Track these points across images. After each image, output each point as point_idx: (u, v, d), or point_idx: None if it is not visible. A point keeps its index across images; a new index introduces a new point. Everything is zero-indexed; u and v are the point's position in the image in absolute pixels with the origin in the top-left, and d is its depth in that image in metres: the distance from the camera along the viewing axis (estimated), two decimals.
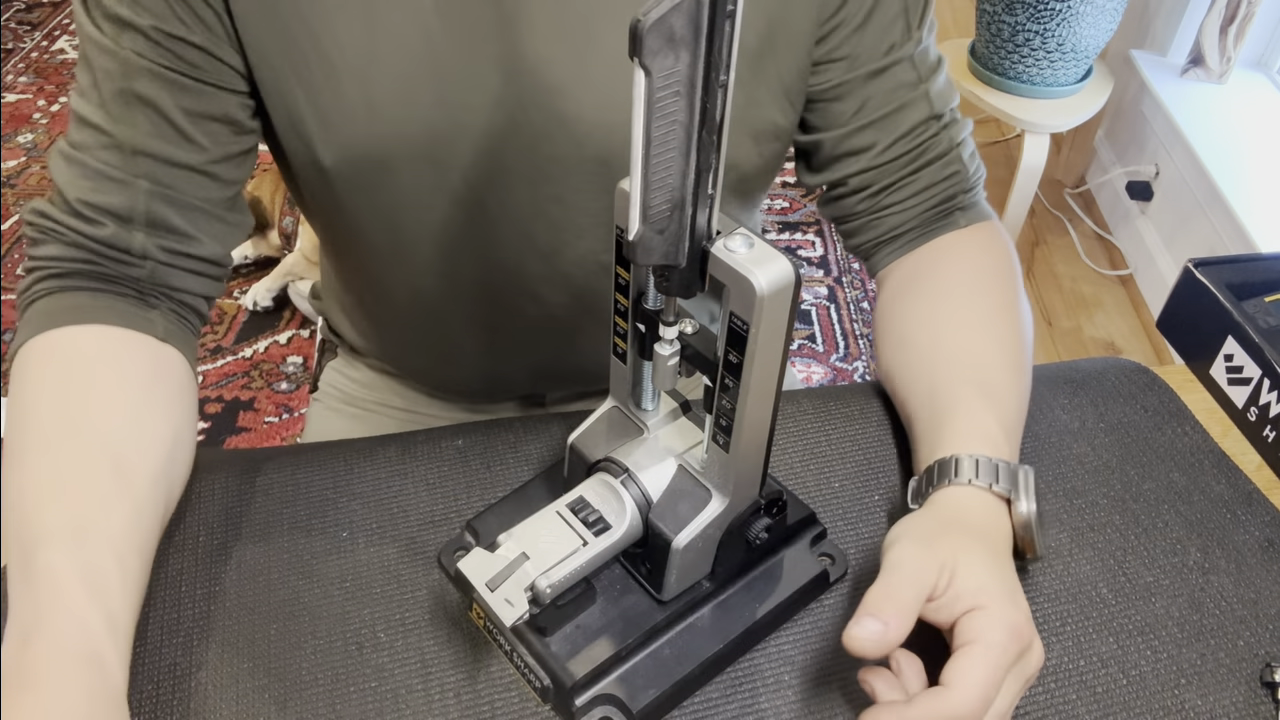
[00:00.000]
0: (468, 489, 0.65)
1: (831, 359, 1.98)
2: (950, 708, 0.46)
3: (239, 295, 2.05)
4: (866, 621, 0.47)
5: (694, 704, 0.54)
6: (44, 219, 0.61)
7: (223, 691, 0.54)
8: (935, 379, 0.63)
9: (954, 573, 0.51)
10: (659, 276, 0.45)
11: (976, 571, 0.51)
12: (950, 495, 0.56)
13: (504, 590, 0.49)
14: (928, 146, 0.70)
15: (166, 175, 0.61)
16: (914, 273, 0.71)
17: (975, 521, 0.55)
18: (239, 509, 0.63)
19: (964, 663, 0.47)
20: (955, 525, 0.54)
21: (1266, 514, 0.65)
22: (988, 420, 0.59)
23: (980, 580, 0.50)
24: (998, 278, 0.69)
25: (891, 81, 0.68)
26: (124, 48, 0.58)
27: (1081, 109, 2.04)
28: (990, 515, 0.56)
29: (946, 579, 0.51)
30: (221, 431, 1.80)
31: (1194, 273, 0.77)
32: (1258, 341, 0.71)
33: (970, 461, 0.56)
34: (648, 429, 0.56)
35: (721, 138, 0.40)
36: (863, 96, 0.68)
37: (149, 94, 0.59)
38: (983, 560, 0.52)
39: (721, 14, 0.37)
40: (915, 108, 0.68)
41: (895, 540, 0.53)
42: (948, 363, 0.64)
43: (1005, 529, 0.56)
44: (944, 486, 0.56)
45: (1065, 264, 2.24)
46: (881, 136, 0.69)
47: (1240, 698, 0.55)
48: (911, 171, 0.70)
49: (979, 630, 0.48)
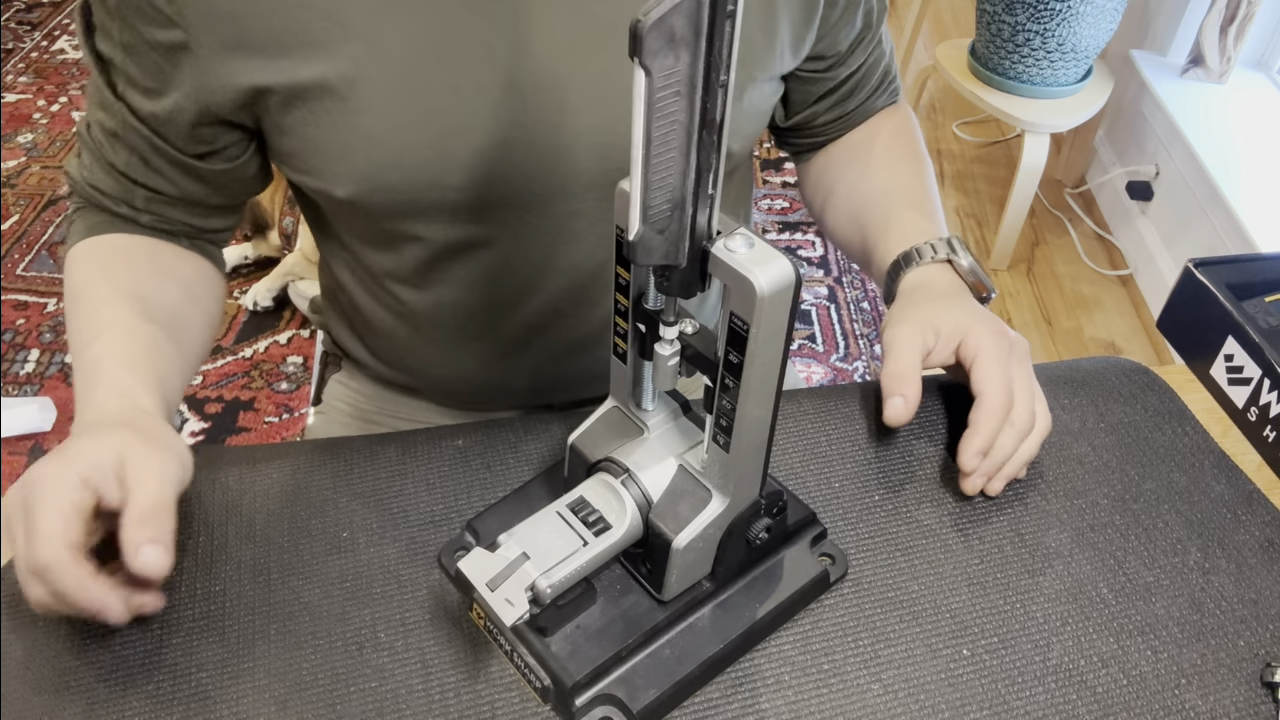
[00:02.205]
0: (468, 489, 0.65)
1: (831, 359, 1.98)
2: (990, 407, 0.61)
3: (239, 295, 2.05)
4: (891, 401, 0.62)
5: (694, 704, 0.54)
6: (71, 179, 0.72)
7: (223, 691, 0.54)
8: (869, 212, 0.78)
9: (935, 326, 0.64)
10: (659, 276, 0.45)
11: (951, 315, 0.65)
12: (909, 281, 0.70)
13: (504, 590, 0.49)
14: (884, 74, 0.82)
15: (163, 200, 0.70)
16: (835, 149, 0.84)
17: (934, 288, 0.69)
18: (239, 509, 0.63)
19: (978, 372, 0.62)
20: (920, 296, 0.68)
21: (1266, 514, 0.65)
22: (917, 219, 0.74)
23: (955, 318, 0.65)
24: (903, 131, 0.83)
25: (864, 44, 0.77)
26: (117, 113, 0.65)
27: (1081, 109, 2.04)
28: (943, 277, 0.70)
29: (932, 334, 0.64)
30: (221, 431, 1.80)
31: (1194, 273, 0.77)
32: (1258, 341, 0.71)
33: (913, 252, 0.71)
34: (648, 429, 0.56)
35: (722, 138, 0.40)
36: (847, 67, 0.78)
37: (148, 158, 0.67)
38: (950, 307, 0.66)
39: (721, 14, 0.37)
40: (875, 56, 0.80)
41: (885, 326, 0.67)
42: (875, 199, 0.78)
43: (958, 284, 0.70)
44: (901, 279, 0.71)
45: (1065, 264, 2.24)
46: (855, 95, 0.81)
47: (1240, 698, 0.55)
48: (869, 99, 0.83)
49: (973, 347, 0.63)
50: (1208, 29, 2.02)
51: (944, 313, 0.65)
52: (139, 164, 0.67)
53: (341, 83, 0.59)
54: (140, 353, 0.62)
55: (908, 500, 0.65)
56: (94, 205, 0.70)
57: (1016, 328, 2.05)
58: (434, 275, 0.72)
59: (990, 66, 2.05)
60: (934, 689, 0.55)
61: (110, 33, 0.61)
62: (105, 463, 0.52)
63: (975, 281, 0.70)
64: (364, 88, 0.60)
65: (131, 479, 0.52)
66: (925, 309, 0.66)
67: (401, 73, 0.59)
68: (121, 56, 0.62)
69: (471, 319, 0.75)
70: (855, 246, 0.80)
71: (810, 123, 0.82)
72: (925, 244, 0.70)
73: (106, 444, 0.53)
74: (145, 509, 0.51)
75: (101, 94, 0.65)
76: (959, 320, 0.64)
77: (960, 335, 0.64)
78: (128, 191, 0.69)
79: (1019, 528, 0.64)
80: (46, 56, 2.88)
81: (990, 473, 0.63)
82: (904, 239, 0.72)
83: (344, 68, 0.59)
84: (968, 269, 0.69)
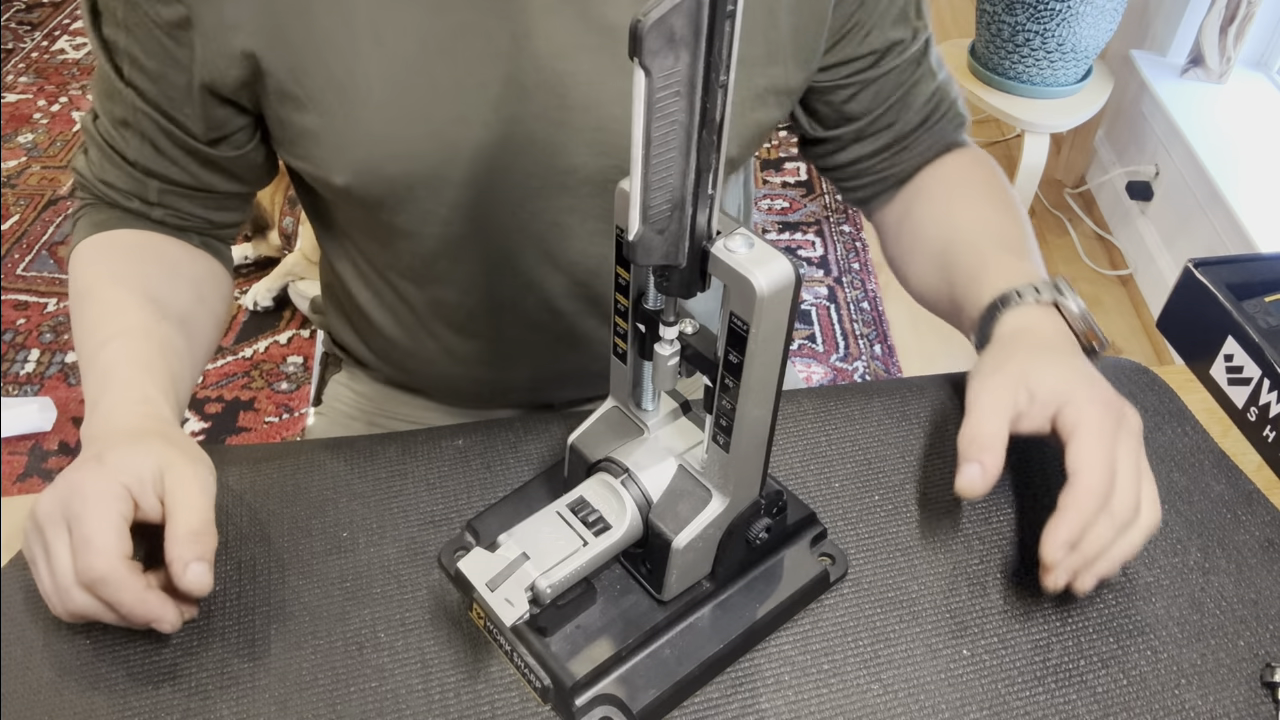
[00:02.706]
0: (468, 489, 0.65)
1: (831, 359, 1.98)
2: (1084, 492, 0.52)
3: (239, 295, 2.05)
4: (966, 469, 0.54)
5: (694, 704, 0.54)
6: (80, 176, 0.71)
7: (223, 691, 0.54)
8: (957, 259, 0.69)
9: (1029, 385, 0.56)
10: (659, 276, 0.45)
11: (1049, 374, 0.56)
12: (1005, 324, 0.62)
13: (504, 590, 0.49)
14: (937, 106, 0.74)
15: (174, 189, 0.70)
16: (909, 196, 0.77)
17: (1035, 335, 0.60)
18: (239, 509, 0.63)
19: (1075, 450, 0.53)
20: (1017, 345, 0.60)
21: (1266, 514, 0.65)
22: (1015, 262, 0.66)
23: (1055, 379, 0.56)
24: (984, 172, 0.76)
25: (900, 68, 0.71)
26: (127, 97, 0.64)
27: (1081, 109, 2.04)
28: (1048, 326, 0.61)
29: (1025, 394, 0.56)
30: (222, 431, 1.80)
31: (1194, 273, 0.77)
32: (1258, 341, 0.71)
33: (1012, 293, 0.62)
34: (648, 429, 0.56)
35: (721, 138, 0.40)
36: (877, 88, 0.72)
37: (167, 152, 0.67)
38: (1052, 362, 0.57)
39: (721, 14, 0.37)
40: (923, 84, 0.73)
41: (971, 376, 0.59)
42: (963, 242, 0.70)
43: (1066, 334, 0.61)
44: (997, 322, 0.62)
45: (1065, 264, 2.24)
46: (899, 117, 0.74)
47: (1240, 698, 0.55)
48: (924, 132, 0.75)
49: (1073, 419, 0.54)
50: (1207, 29, 2.02)
51: (1043, 369, 0.57)
52: (151, 152, 0.66)
53: (343, 72, 0.59)
54: (156, 357, 0.62)
55: (908, 500, 0.65)
56: (104, 201, 0.70)
57: None
58: (432, 270, 0.72)
59: (990, 66, 2.05)
60: (934, 689, 0.55)
61: (115, 14, 0.61)
62: (146, 475, 0.53)
63: (1086, 330, 0.61)
64: (364, 78, 0.60)
65: (174, 494, 0.53)
66: (1021, 361, 0.58)
67: (403, 65, 0.59)
68: (126, 38, 0.61)
69: (470, 315, 0.75)
70: (944, 299, 0.72)
71: (858, 151, 0.75)
72: (1027, 285, 0.62)
73: (146, 455, 0.53)
74: (191, 527, 0.52)
75: (109, 82, 0.64)
76: (1060, 383, 0.56)
77: (1059, 402, 0.55)
78: (140, 185, 0.68)
79: (1019, 527, 0.64)
80: (46, 56, 2.88)
81: (1077, 568, 0.53)
82: (1001, 281, 0.64)
83: (346, 57, 0.59)
84: (1078, 315, 0.61)
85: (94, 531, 0.50)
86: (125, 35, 0.61)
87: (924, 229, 0.74)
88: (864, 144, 0.75)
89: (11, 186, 2.36)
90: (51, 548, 0.51)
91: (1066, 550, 0.53)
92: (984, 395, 0.56)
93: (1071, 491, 0.53)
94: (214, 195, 0.71)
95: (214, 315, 0.72)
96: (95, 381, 0.60)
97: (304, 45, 0.59)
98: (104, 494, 0.51)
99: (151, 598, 0.51)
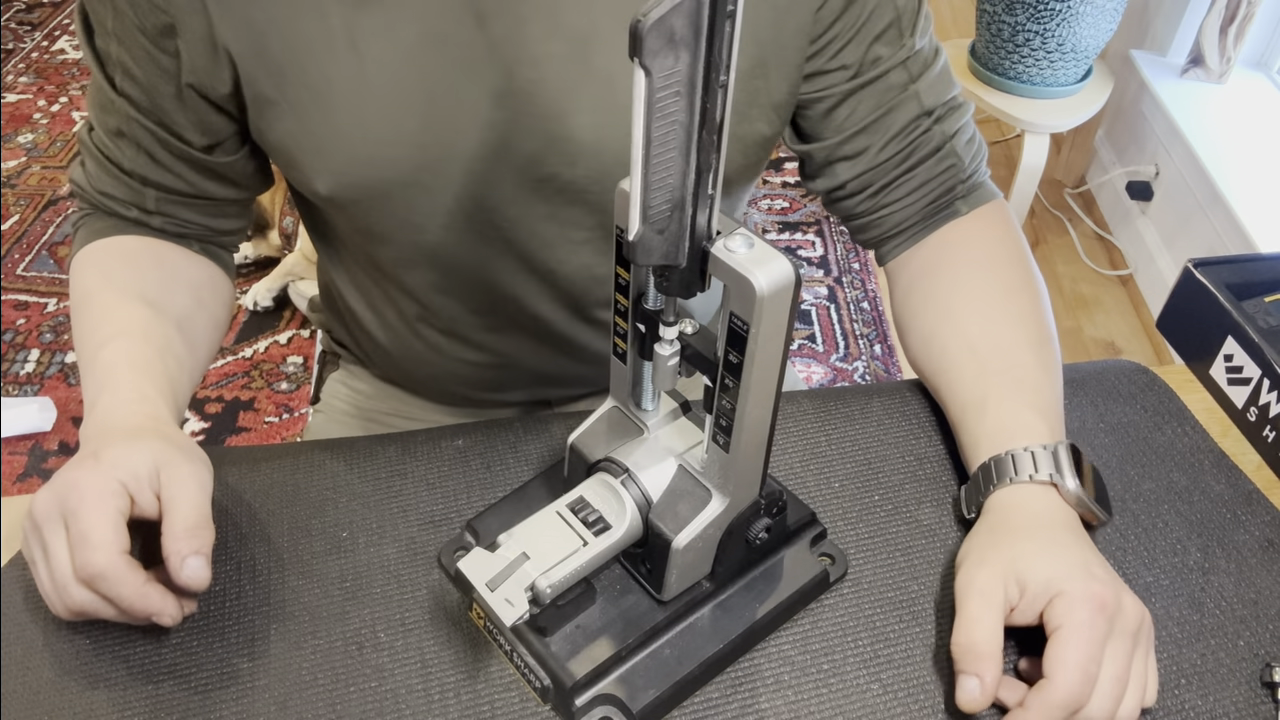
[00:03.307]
0: (468, 489, 0.65)
1: (831, 359, 1.97)
2: (1055, 696, 0.49)
3: (239, 295, 2.05)
4: (965, 683, 0.51)
5: (694, 704, 0.54)
6: (77, 187, 0.71)
7: (223, 691, 0.54)
8: (963, 376, 0.65)
9: (1020, 577, 0.53)
10: (659, 276, 0.45)
11: (1040, 565, 0.53)
12: (998, 499, 0.58)
13: (504, 590, 0.49)
14: (919, 144, 0.69)
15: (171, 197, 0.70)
16: (924, 267, 0.72)
17: (1028, 516, 0.56)
18: (239, 509, 0.63)
19: (1054, 650, 0.50)
20: (1009, 529, 0.56)
21: (1266, 514, 0.65)
22: (1019, 409, 0.60)
23: (1046, 571, 0.52)
24: (1008, 260, 0.70)
25: (881, 87, 0.67)
26: (120, 106, 0.65)
27: (1081, 109, 2.04)
28: (1041, 504, 0.57)
29: (1016, 587, 0.53)
30: (221, 431, 1.80)
31: (1194, 273, 0.77)
32: (1257, 341, 0.71)
33: (1007, 461, 0.58)
34: (648, 429, 0.56)
35: (721, 138, 0.40)
36: (852, 105, 0.68)
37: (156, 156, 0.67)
38: (1043, 551, 0.54)
39: (721, 14, 0.37)
40: (904, 108, 0.68)
41: (960, 563, 0.56)
42: (973, 358, 0.65)
43: (1062, 510, 0.57)
44: (990, 493, 0.58)
45: (1065, 264, 2.24)
46: (873, 141, 0.69)
47: (1240, 698, 0.55)
48: (906, 170, 0.70)
49: (1060, 615, 0.51)
50: (1207, 29, 2.02)
51: (1034, 557, 0.53)
52: (147, 161, 0.67)
53: (320, 79, 0.60)
54: (154, 358, 0.63)
55: (908, 500, 0.65)
56: (103, 211, 0.71)
57: None
58: (414, 276, 0.72)
59: (990, 66, 2.05)
60: (934, 689, 0.55)
61: (105, 24, 0.61)
62: (142, 471, 0.53)
63: (1085, 512, 0.58)
64: (341, 85, 0.60)
65: (170, 490, 0.53)
66: (1011, 547, 0.54)
67: (378, 73, 0.60)
68: (117, 48, 0.62)
69: (453, 321, 0.75)
70: (937, 397, 0.68)
71: (836, 177, 0.71)
72: (1024, 452, 0.57)
73: (142, 453, 0.53)
74: (189, 522, 0.52)
75: (103, 93, 0.65)
76: (1051, 575, 0.52)
77: (1050, 594, 0.52)
78: (137, 194, 0.69)
79: None
80: (46, 56, 2.88)
81: None
82: (999, 435, 0.59)
83: (323, 64, 0.59)
84: (1074, 499, 0.57)
85: (91, 527, 0.50)
86: (116, 45, 0.62)
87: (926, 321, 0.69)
88: (840, 167, 0.71)
89: (11, 186, 2.35)
90: (49, 545, 0.51)
91: None
92: (974, 595, 0.53)
93: (1040, 693, 0.50)
94: (212, 202, 0.71)
95: (214, 319, 0.73)
96: (93, 382, 0.61)
97: (282, 53, 0.59)
98: (101, 490, 0.51)
99: (151, 591, 0.51)
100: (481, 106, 0.61)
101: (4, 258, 2.15)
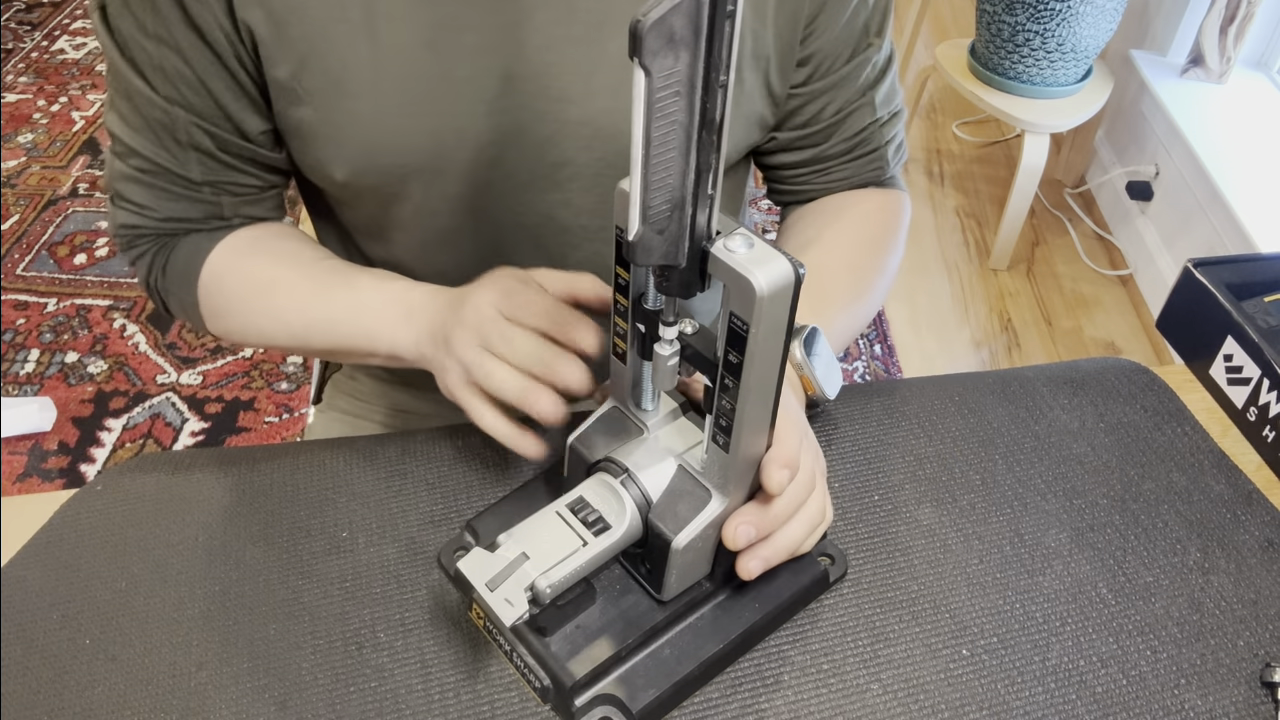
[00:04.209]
0: (468, 489, 0.65)
1: None
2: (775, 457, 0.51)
3: None
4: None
5: (694, 704, 0.54)
6: (129, 229, 0.69)
7: (223, 691, 0.54)
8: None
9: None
10: (659, 277, 0.45)
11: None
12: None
13: (504, 590, 0.49)
14: (862, 142, 0.75)
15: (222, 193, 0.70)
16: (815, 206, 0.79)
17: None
18: (239, 509, 0.63)
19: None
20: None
21: (1266, 514, 0.65)
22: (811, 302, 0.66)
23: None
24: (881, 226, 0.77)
25: (846, 91, 0.72)
26: (160, 98, 0.63)
27: (1081, 109, 2.04)
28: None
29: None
30: (221, 431, 1.80)
31: (1194, 273, 0.77)
32: (1257, 341, 0.71)
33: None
34: (648, 429, 0.56)
35: (721, 138, 0.40)
36: (820, 104, 0.72)
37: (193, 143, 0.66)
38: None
39: (721, 14, 0.37)
40: (860, 114, 0.73)
41: None
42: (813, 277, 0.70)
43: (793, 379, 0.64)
44: None
45: (1065, 264, 2.24)
46: (828, 138, 0.74)
47: (1240, 698, 0.55)
48: (844, 164, 0.76)
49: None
50: (1207, 29, 2.02)
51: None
52: (215, 164, 0.66)
53: (338, 65, 0.60)
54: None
55: (908, 500, 0.65)
56: (178, 236, 0.70)
57: (1016, 327, 2.05)
58: (428, 263, 0.72)
59: (990, 66, 2.05)
60: (934, 689, 0.55)
61: (145, 28, 0.60)
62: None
63: (804, 376, 0.65)
64: (358, 71, 0.60)
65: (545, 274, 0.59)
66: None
67: (395, 58, 0.60)
68: (158, 50, 0.60)
69: None
70: None
71: (782, 159, 0.77)
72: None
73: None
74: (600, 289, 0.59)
75: (155, 111, 0.63)
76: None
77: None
78: (213, 206, 0.68)
79: (1019, 528, 0.64)
80: (46, 56, 2.88)
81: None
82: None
83: (341, 51, 0.59)
84: (797, 360, 0.65)
85: (518, 289, 0.56)
86: (159, 48, 0.60)
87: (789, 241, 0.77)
88: (788, 154, 0.76)
89: (11, 186, 2.35)
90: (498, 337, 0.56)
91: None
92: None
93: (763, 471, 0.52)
94: (278, 191, 0.72)
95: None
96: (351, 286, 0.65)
97: (301, 40, 0.59)
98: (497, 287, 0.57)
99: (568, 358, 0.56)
100: (498, 91, 0.61)
101: (4, 258, 2.15)
